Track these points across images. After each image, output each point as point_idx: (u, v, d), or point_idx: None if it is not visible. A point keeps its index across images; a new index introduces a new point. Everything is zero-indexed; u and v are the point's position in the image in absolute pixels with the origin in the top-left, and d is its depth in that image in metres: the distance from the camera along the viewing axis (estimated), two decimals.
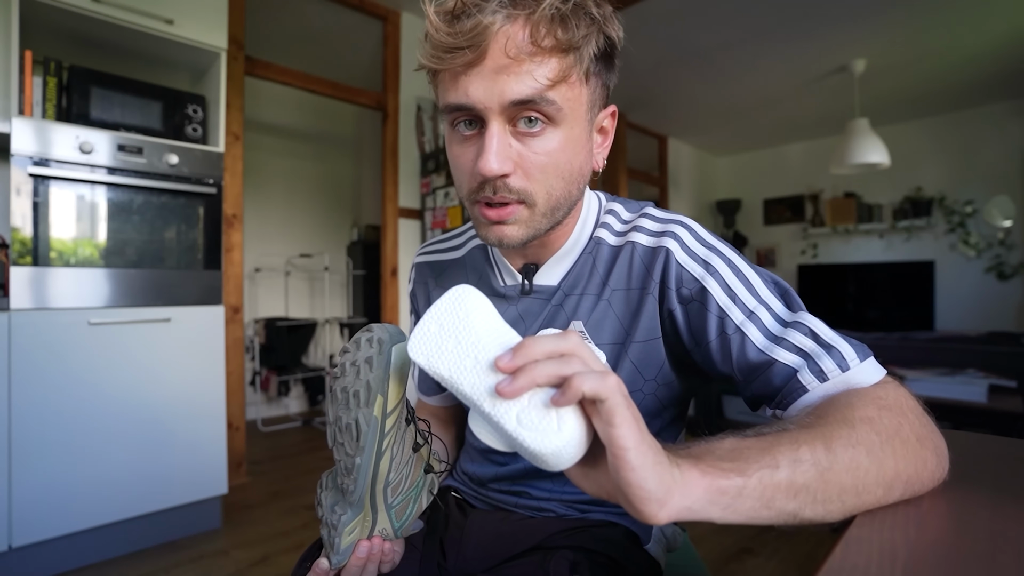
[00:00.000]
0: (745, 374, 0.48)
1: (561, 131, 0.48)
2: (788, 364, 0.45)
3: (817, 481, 0.34)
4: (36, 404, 1.44)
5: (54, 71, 1.61)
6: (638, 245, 0.55)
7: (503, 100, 0.45)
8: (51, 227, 1.51)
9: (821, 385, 0.44)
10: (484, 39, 0.43)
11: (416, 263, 0.74)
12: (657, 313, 0.54)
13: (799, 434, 0.37)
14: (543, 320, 0.59)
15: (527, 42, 0.44)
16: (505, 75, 0.44)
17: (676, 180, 4.77)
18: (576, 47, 0.45)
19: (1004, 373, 2.10)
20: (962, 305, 3.91)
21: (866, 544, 0.34)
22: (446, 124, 0.51)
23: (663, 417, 0.60)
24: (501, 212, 0.49)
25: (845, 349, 0.45)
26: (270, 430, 3.16)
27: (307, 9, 2.58)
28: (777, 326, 0.48)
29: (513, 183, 0.48)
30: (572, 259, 0.59)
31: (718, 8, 2.56)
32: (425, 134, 2.70)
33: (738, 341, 0.48)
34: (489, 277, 0.64)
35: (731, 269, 0.51)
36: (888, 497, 0.38)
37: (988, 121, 3.82)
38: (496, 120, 0.46)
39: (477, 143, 0.48)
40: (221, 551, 1.67)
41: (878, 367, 0.45)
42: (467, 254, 0.68)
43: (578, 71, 0.47)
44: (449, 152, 0.53)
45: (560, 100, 0.46)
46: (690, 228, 0.55)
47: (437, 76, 0.49)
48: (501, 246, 0.52)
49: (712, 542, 1.73)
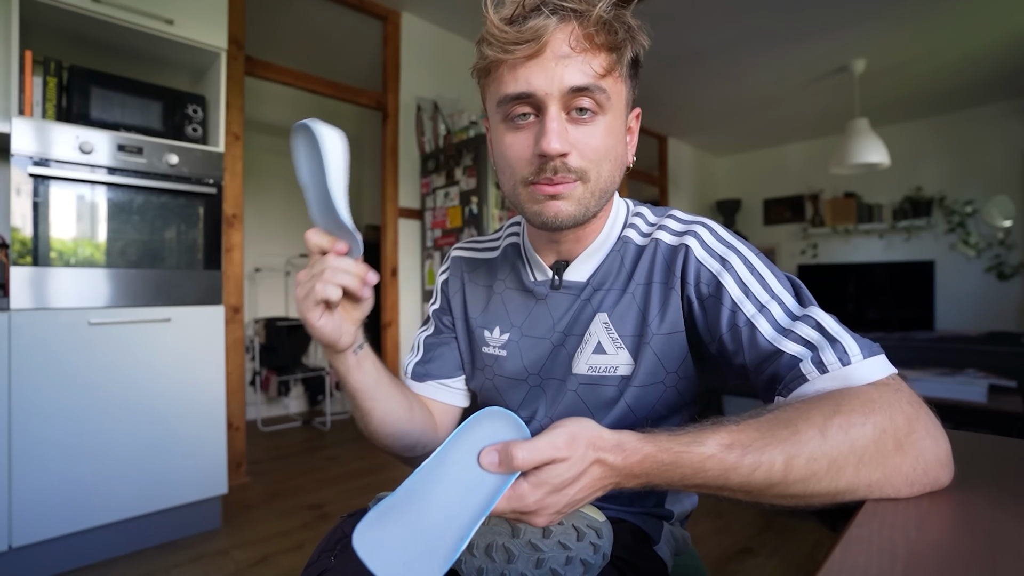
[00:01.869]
0: (755, 364, 0.50)
1: (608, 119, 0.53)
2: (793, 354, 0.47)
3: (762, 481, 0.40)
4: (36, 404, 1.44)
5: (54, 71, 1.61)
6: (661, 243, 0.59)
7: (563, 86, 0.50)
8: (51, 227, 1.51)
9: (820, 376, 0.45)
10: (544, 34, 0.49)
11: (453, 256, 0.77)
12: (680, 307, 0.57)
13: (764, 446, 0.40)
14: (571, 314, 0.62)
15: (581, 39, 0.50)
16: (564, 65, 0.50)
17: (676, 180, 4.77)
18: (619, 48, 0.52)
19: (1004, 373, 2.10)
20: (962, 305, 3.91)
21: (866, 544, 0.34)
22: (497, 119, 0.55)
23: (682, 414, 0.61)
24: (558, 187, 0.53)
25: (849, 344, 0.45)
26: (270, 430, 3.16)
27: (307, 9, 2.58)
28: (787, 319, 0.50)
29: (571, 162, 0.52)
30: (601, 256, 0.62)
31: (718, 8, 2.56)
32: (425, 134, 2.70)
33: (748, 332, 0.50)
34: (520, 272, 0.68)
35: (746, 266, 0.54)
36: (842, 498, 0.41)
37: (988, 121, 3.82)
38: (555, 105, 0.51)
39: (533, 130, 0.53)
40: (221, 551, 1.67)
41: (886, 365, 0.45)
42: (501, 252, 0.72)
43: (620, 69, 0.53)
44: (499, 144, 0.56)
45: (609, 90, 0.52)
46: (710, 227, 0.58)
47: (490, 75, 0.54)
48: (555, 224, 0.55)
49: (712, 542, 1.73)
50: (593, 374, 0.60)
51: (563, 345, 0.62)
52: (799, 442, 0.39)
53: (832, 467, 0.39)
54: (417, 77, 2.78)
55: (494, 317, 0.69)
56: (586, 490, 0.40)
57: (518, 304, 0.67)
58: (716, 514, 1.93)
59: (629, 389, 0.58)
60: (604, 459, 0.39)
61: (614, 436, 0.40)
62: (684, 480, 0.40)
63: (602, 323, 0.60)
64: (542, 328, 0.64)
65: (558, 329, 0.63)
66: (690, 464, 0.39)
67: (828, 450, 0.39)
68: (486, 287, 0.72)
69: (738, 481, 0.39)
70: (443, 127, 2.62)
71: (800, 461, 0.39)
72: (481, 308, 0.71)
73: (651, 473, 0.40)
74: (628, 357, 0.58)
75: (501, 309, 0.68)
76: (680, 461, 0.39)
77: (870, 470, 0.40)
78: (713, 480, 0.39)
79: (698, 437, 0.40)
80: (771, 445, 0.39)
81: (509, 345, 0.66)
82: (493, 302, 0.70)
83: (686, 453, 0.39)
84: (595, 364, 0.59)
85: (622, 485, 0.41)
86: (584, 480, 0.39)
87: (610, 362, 0.59)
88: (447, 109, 2.67)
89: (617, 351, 0.59)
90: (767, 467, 0.39)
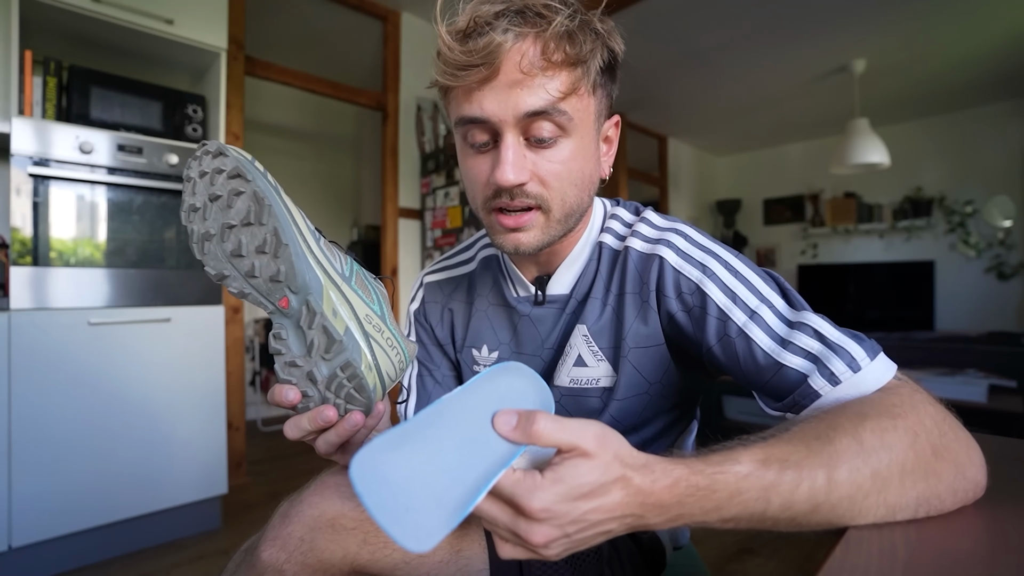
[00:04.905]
0: (753, 376, 0.48)
1: (572, 141, 0.50)
2: (797, 369, 0.45)
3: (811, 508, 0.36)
4: (36, 404, 1.44)
5: (54, 71, 1.61)
6: (632, 251, 0.56)
7: (517, 112, 0.46)
8: (51, 227, 1.51)
9: (834, 389, 0.43)
10: (497, 56, 0.45)
11: (428, 283, 0.72)
12: (658, 321, 0.54)
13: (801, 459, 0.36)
14: (560, 330, 0.60)
15: (538, 57, 0.46)
16: (518, 89, 0.46)
17: (676, 180, 4.77)
18: (584, 61, 0.47)
19: (1004, 373, 2.10)
20: (962, 305, 3.91)
21: (866, 544, 0.33)
22: (458, 137, 0.53)
23: (672, 414, 0.61)
24: (518, 219, 0.51)
25: (854, 349, 0.44)
26: (270, 430, 3.16)
27: (307, 9, 2.57)
28: (782, 326, 0.47)
29: (530, 189, 0.50)
30: (580, 265, 0.60)
31: (718, 8, 2.56)
32: (425, 134, 2.70)
33: (743, 344, 0.48)
34: (502, 288, 0.65)
35: (728, 270, 0.51)
36: (893, 517, 0.37)
37: (988, 121, 3.82)
38: (511, 132, 0.48)
39: (492, 155, 0.50)
40: (221, 551, 1.66)
41: (888, 363, 0.44)
42: (478, 266, 0.69)
43: (586, 83, 0.49)
44: (462, 164, 0.54)
45: (571, 111, 0.48)
46: (684, 234, 0.55)
47: (450, 92, 0.51)
48: (517, 253, 0.53)
49: (712, 542, 1.73)
50: (575, 386, 0.58)
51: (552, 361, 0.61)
52: (835, 452, 0.36)
53: (876, 479, 0.36)
54: (417, 77, 2.78)
55: (479, 335, 0.66)
56: (603, 514, 0.33)
57: (503, 321, 0.64)
58: None
59: (612, 402, 0.57)
60: (630, 478, 0.33)
61: (641, 456, 0.35)
62: (720, 509, 0.35)
63: (582, 335, 0.57)
64: (532, 346, 0.62)
65: (547, 346, 0.61)
66: (726, 486, 0.34)
67: (868, 459, 0.36)
68: (467, 304, 0.68)
69: (779, 503, 0.35)
70: (443, 127, 2.62)
71: (842, 474, 0.35)
72: (466, 327, 0.67)
73: (684, 501, 0.34)
74: (609, 369, 0.57)
75: (487, 326, 0.66)
76: (716, 484, 0.34)
77: (914, 480, 0.37)
78: (753, 504, 0.35)
79: (730, 455, 0.36)
80: (808, 458, 0.36)
81: None
82: (476, 319, 0.67)
83: (721, 473, 0.35)
84: (576, 377, 0.58)
85: (646, 520, 0.34)
86: (603, 499, 0.33)
87: (591, 374, 0.57)
88: None
89: (598, 363, 0.57)
90: (809, 483, 0.35)
